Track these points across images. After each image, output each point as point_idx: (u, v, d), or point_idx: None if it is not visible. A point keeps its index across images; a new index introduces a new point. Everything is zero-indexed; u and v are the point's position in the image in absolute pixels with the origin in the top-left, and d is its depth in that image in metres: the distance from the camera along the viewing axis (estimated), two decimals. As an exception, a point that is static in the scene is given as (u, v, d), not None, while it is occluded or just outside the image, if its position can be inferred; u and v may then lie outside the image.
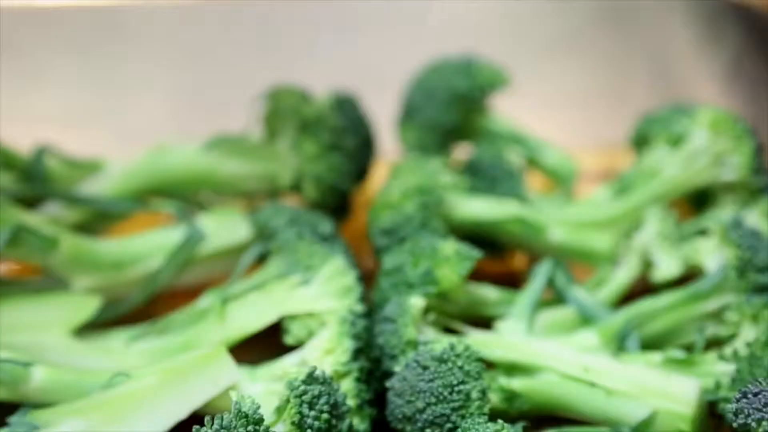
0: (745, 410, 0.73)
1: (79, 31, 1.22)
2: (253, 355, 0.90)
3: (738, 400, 0.74)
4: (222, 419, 0.74)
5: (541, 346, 0.87)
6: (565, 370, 0.85)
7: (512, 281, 0.99)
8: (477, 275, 0.94)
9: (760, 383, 0.74)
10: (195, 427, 0.74)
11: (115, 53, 1.23)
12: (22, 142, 1.03)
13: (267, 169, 1.01)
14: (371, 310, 0.90)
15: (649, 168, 1.01)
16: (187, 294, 0.96)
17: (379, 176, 1.06)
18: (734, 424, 0.74)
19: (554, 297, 0.94)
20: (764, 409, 0.72)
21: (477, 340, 0.87)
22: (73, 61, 1.23)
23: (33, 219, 0.93)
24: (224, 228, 0.98)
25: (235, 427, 0.73)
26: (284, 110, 1.00)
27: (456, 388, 0.80)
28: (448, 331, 0.89)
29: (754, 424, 0.72)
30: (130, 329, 0.91)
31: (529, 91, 1.14)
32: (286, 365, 0.86)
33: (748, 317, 0.85)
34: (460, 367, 0.81)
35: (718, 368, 0.85)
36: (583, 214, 1.00)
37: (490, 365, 0.87)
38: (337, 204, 1.02)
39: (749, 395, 0.74)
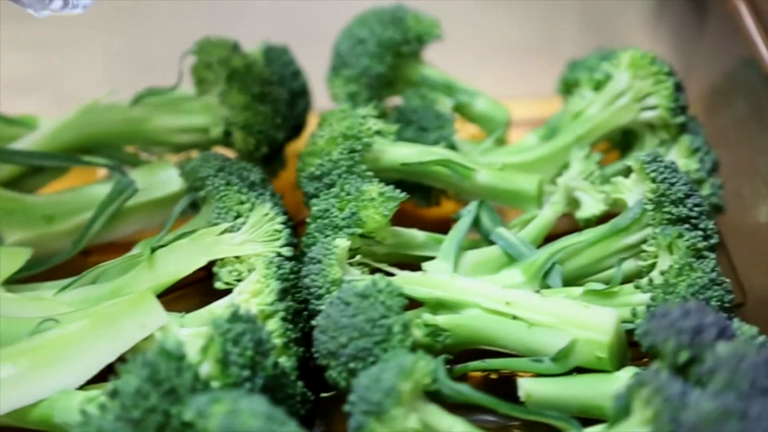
0: (653, 331, 0.75)
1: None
2: (187, 305, 0.92)
3: (646, 323, 0.77)
4: (145, 356, 0.75)
5: (465, 284, 0.89)
6: (487, 305, 0.87)
7: (446, 228, 1.00)
8: (411, 222, 0.96)
9: (668, 306, 0.76)
10: (118, 364, 0.76)
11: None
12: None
13: (198, 121, 1.02)
14: (302, 254, 0.92)
15: (574, 111, 1.03)
16: (123, 247, 0.98)
17: (313, 129, 1.08)
18: (643, 345, 0.77)
19: (481, 237, 0.96)
20: (670, 330, 0.74)
21: (403, 279, 0.89)
22: (6, 26, 1.24)
23: (-38, 174, 0.94)
24: (157, 180, 0.99)
25: (158, 364, 0.75)
26: (213, 62, 1.01)
27: (378, 323, 0.82)
28: (377, 272, 0.91)
29: (660, 343, 0.75)
30: (63, 281, 0.93)
31: (461, 43, 1.16)
32: (214, 308, 0.87)
33: (664, 248, 0.87)
34: (382, 302, 0.83)
35: (635, 298, 0.87)
36: (509, 158, 1.02)
37: (417, 304, 0.89)
38: (268, 154, 1.03)
39: (657, 317, 0.76)
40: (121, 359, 0.83)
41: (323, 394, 0.89)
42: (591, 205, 0.97)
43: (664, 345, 0.74)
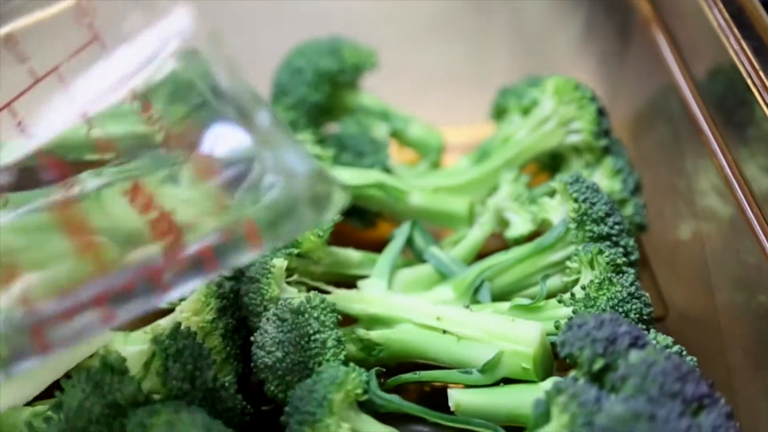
0: (569, 341, 0.80)
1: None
2: (131, 324, 0.95)
3: (564, 333, 0.81)
4: (89, 372, 0.78)
5: (398, 300, 0.93)
6: (419, 320, 0.91)
7: (382, 249, 1.04)
8: (349, 243, 1.00)
9: (584, 317, 0.81)
10: (62, 380, 0.80)
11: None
12: None
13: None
14: (242, 274, 0.96)
15: (504, 136, 1.08)
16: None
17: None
18: (561, 354, 0.81)
19: (415, 257, 1.01)
20: (585, 339, 0.79)
21: (338, 296, 0.93)
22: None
23: None
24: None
25: (101, 378, 0.78)
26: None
27: (312, 338, 0.86)
28: (313, 291, 0.95)
29: (576, 353, 0.79)
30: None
31: (397, 72, 1.21)
32: (157, 326, 0.91)
33: (586, 264, 0.92)
34: (316, 318, 0.87)
35: (558, 312, 0.91)
36: (442, 181, 1.06)
37: (353, 321, 0.93)
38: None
39: (573, 328, 0.80)
40: (66, 376, 0.86)
41: (264, 407, 0.92)
42: (519, 225, 1.02)
43: (580, 354, 0.79)
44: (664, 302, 1.05)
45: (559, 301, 0.91)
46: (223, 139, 0.75)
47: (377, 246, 1.02)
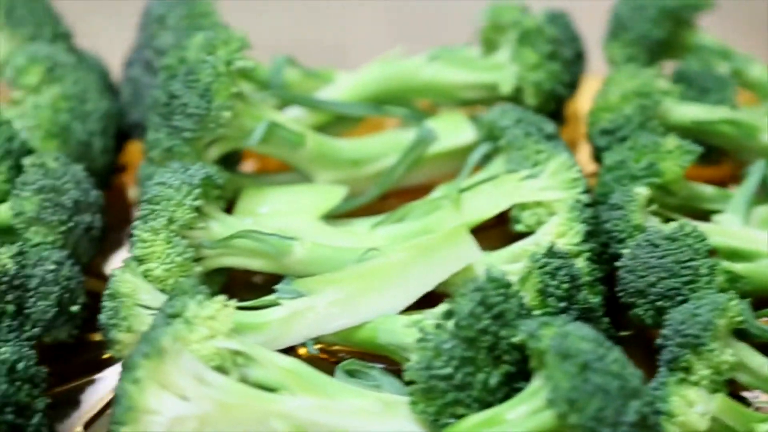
0: None
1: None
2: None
3: None
4: (476, 282, 0.81)
5: (758, 235, 0.92)
6: (784, 255, 0.90)
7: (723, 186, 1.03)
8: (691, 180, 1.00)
9: None
10: (453, 289, 0.82)
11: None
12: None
13: (487, 78, 1.07)
14: (595, 202, 0.97)
15: None
16: (415, 192, 1.03)
17: (587, 91, 1.12)
18: None
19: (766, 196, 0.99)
20: None
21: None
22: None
23: (282, 118, 1.01)
24: (451, 130, 1.05)
25: (488, 290, 0.80)
26: (504, 23, 1.07)
27: (686, 264, 0.87)
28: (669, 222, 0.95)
29: None
30: (371, 218, 0.99)
31: (732, 12, 1.19)
32: (522, 247, 0.93)
33: None
34: (689, 245, 0.87)
35: None
36: (795, 121, 1.04)
37: (711, 253, 0.93)
38: (553, 111, 1.08)
39: None
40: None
41: (622, 333, 0.93)
42: None
43: None
44: None
45: None
46: None
47: (718, 183, 1.01)
